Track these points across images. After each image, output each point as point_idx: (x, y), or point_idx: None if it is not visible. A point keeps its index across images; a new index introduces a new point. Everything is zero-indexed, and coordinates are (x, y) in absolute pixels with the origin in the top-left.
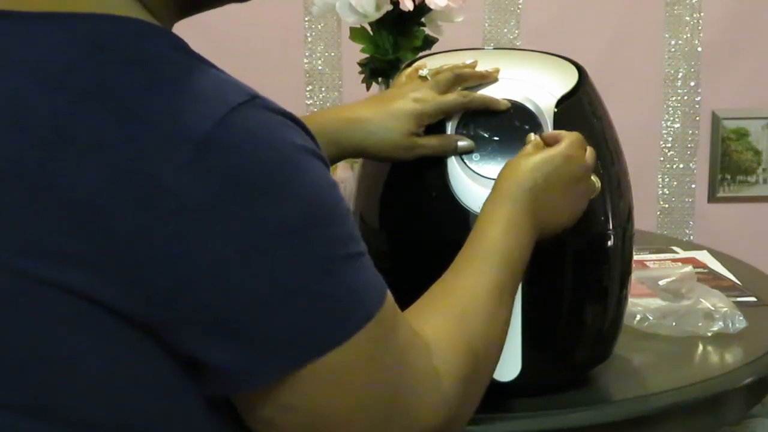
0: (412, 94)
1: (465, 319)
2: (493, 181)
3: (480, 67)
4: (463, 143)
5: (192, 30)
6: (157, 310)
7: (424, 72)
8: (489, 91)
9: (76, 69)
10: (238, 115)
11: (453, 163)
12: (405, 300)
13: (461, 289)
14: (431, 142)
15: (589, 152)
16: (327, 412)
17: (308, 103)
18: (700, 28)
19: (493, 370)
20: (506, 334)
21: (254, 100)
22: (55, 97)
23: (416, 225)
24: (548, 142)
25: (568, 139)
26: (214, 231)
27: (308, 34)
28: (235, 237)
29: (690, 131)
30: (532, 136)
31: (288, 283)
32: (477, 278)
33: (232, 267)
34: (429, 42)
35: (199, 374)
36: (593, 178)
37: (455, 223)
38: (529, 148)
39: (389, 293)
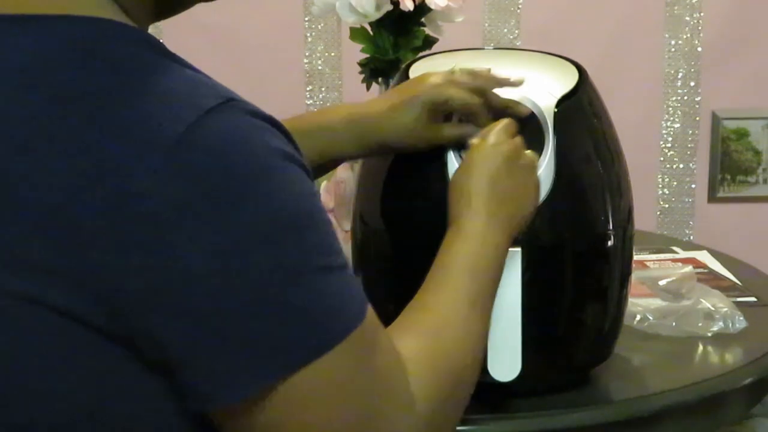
0: (432, 80)
1: (440, 337)
2: None
3: (478, 67)
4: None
5: (192, 30)
6: (130, 320)
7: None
8: None
9: (50, 73)
10: (211, 119)
11: (453, 163)
12: (406, 300)
13: (435, 308)
14: (453, 131)
15: (508, 125)
16: (311, 427)
17: (308, 103)
18: (700, 28)
19: (473, 385)
20: (484, 344)
21: (229, 102)
22: (29, 102)
23: (416, 224)
24: None
25: (489, 131)
26: (185, 238)
27: (308, 34)
28: (205, 244)
29: (690, 131)
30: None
31: (258, 294)
32: (448, 295)
33: (201, 276)
34: (429, 42)
35: (177, 392)
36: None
37: None
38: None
39: (371, 310)
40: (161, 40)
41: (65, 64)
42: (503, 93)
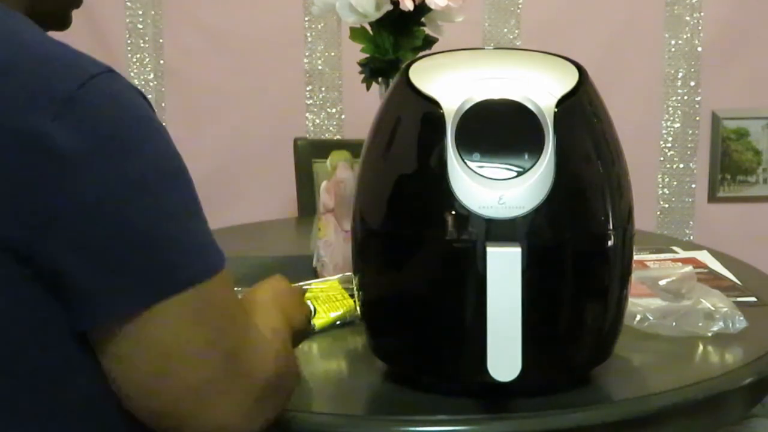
0: None
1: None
2: (493, 181)
3: (478, 67)
4: None
5: (193, 30)
6: (34, 238)
7: None
8: (490, 90)
9: None
10: (98, 81)
11: (453, 163)
12: (405, 299)
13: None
14: None
15: None
16: (177, 351)
17: (308, 103)
18: (700, 28)
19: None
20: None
21: (111, 72)
22: None
23: (416, 225)
24: None
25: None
26: (79, 177)
27: (308, 34)
28: (98, 184)
29: (690, 131)
30: None
31: (144, 228)
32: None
33: (95, 208)
34: (429, 42)
35: (70, 308)
36: None
37: (455, 223)
38: None
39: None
40: (161, 41)
41: None
42: (506, 93)
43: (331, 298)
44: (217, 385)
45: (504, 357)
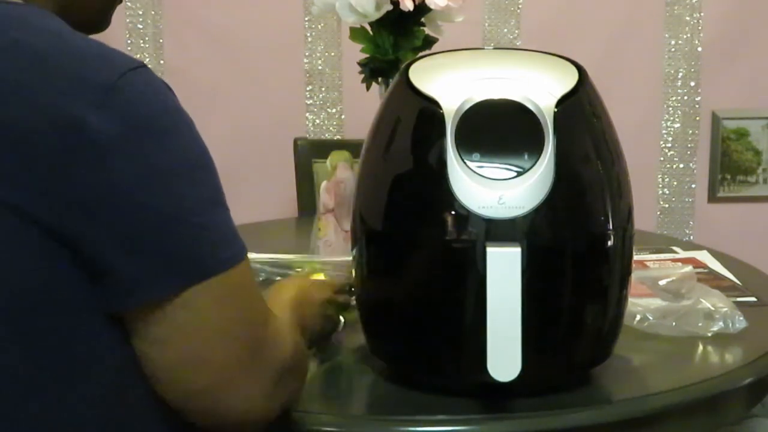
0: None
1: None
2: (493, 181)
3: (478, 67)
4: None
5: (193, 30)
6: (73, 222)
7: None
8: (490, 90)
9: (13, 39)
10: (136, 74)
11: (453, 163)
12: (406, 299)
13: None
14: None
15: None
16: (208, 334)
17: (308, 102)
18: (700, 28)
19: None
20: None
21: (145, 68)
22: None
23: (416, 225)
24: None
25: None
26: (118, 162)
27: (308, 34)
28: (134, 169)
29: (690, 131)
30: None
31: (178, 213)
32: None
33: (132, 193)
34: (429, 42)
35: (105, 291)
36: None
37: (455, 223)
38: None
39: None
40: (161, 41)
41: (21, 32)
42: (505, 93)
43: None
44: (244, 366)
45: (504, 357)
